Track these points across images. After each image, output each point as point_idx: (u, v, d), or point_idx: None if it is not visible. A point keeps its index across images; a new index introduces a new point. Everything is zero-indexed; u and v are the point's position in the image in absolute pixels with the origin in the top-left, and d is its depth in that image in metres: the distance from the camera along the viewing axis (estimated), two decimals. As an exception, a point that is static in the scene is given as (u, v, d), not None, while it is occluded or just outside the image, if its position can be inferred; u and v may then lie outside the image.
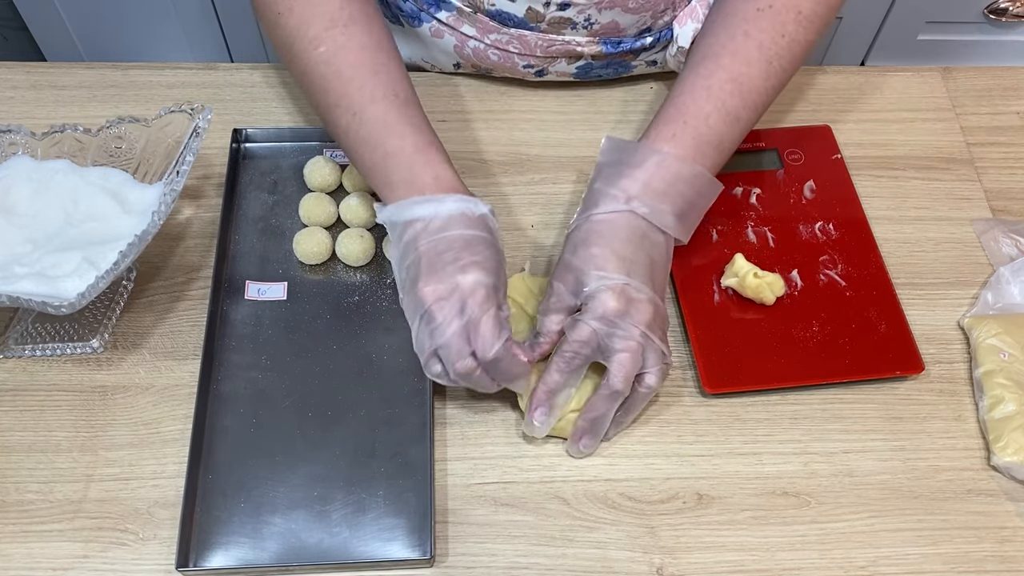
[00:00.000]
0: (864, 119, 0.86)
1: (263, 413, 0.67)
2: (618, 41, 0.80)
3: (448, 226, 0.61)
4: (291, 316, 0.71)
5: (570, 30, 0.78)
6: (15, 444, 0.66)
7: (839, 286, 0.73)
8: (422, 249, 0.61)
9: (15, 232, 0.69)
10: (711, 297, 0.73)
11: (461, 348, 0.60)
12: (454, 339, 0.60)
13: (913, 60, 1.47)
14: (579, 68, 0.83)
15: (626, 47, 0.80)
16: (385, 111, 0.66)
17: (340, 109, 0.67)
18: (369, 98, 0.66)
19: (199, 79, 0.86)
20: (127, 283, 0.73)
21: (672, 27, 0.80)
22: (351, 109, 0.66)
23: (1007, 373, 0.68)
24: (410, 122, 0.66)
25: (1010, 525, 0.65)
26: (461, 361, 0.60)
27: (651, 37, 0.80)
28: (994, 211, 0.80)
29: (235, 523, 0.63)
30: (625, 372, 0.61)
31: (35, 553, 0.61)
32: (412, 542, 0.62)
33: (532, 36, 0.79)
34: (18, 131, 0.72)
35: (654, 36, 0.80)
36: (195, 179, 0.79)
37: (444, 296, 0.60)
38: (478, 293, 0.60)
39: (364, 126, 0.65)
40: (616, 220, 0.64)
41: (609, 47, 0.80)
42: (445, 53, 0.84)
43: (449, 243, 0.61)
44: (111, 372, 0.69)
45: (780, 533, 0.64)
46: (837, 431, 0.68)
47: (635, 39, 0.80)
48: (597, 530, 0.63)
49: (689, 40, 0.78)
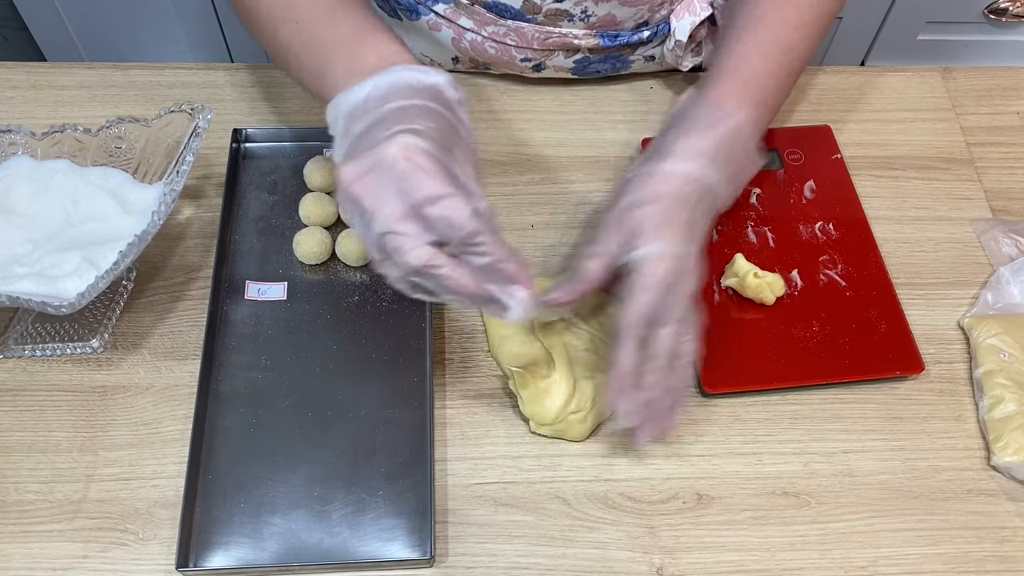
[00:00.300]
0: (864, 119, 0.86)
1: (263, 413, 0.67)
2: (615, 35, 0.80)
3: (388, 98, 0.52)
4: (291, 316, 0.71)
5: (567, 22, 0.78)
6: (15, 444, 0.66)
7: (839, 286, 0.73)
8: (356, 131, 0.52)
9: (15, 232, 0.69)
10: (711, 297, 0.73)
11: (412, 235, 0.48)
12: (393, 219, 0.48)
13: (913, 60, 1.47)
14: (576, 62, 0.83)
15: (623, 41, 0.80)
16: (324, 9, 0.60)
17: (284, 24, 0.62)
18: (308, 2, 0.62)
19: (199, 79, 0.86)
20: (127, 283, 0.73)
21: (669, 21, 0.80)
22: (294, 19, 0.62)
23: (1007, 373, 0.68)
24: (347, 12, 0.60)
25: (1010, 525, 0.65)
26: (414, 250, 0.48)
27: (648, 31, 0.81)
28: (994, 211, 0.80)
29: (235, 523, 0.63)
30: (671, 345, 0.59)
31: (35, 553, 0.61)
32: (412, 542, 0.62)
33: (529, 28, 0.79)
34: (18, 131, 0.72)
35: (651, 30, 0.81)
36: (195, 179, 0.79)
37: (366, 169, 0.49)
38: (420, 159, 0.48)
39: (304, 30, 0.61)
40: (679, 180, 0.62)
41: (606, 40, 0.80)
42: (442, 47, 0.84)
43: (383, 116, 0.51)
44: (111, 372, 0.69)
45: (780, 533, 0.64)
46: (837, 431, 0.68)
47: (632, 32, 0.80)
48: (597, 530, 0.63)
49: (687, 34, 0.79)
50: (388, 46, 0.57)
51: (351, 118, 0.53)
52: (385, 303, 0.72)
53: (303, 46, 0.62)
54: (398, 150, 0.48)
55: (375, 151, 0.49)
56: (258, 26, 0.67)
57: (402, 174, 0.48)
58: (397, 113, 0.51)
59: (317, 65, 0.59)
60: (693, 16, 0.78)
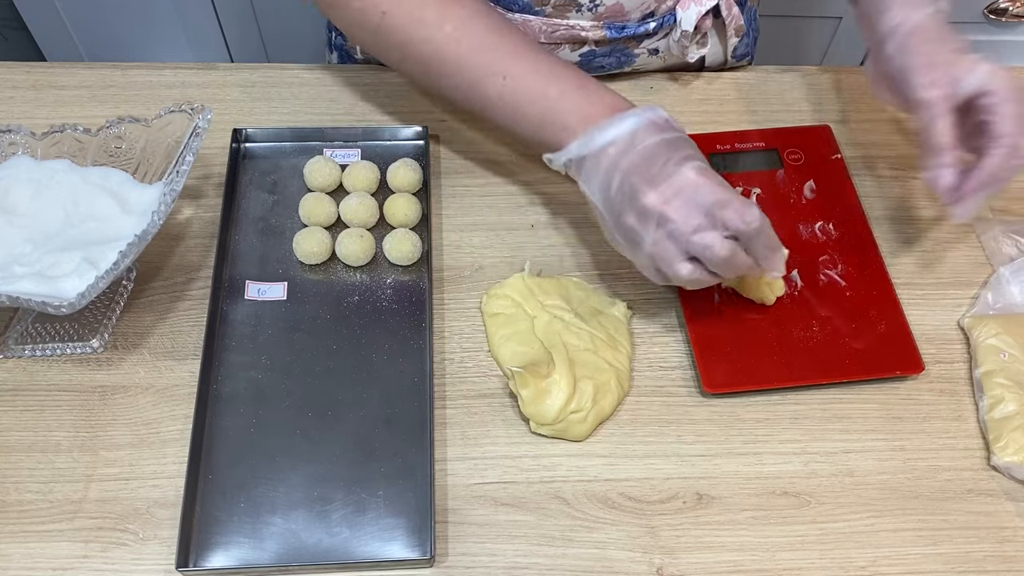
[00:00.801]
0: (864, 119, 0.86)
1: (263, 413, 0.67)
2: (622, 26, 0.80)
3: (642, 138, 0.62)
4: (291, 316, 0.72)
5: (575, 13, 0.79)
6: (15, 444, 0.66)
7: (839, 286, 0.73)
8: (627, 166, 0.62)
9: (15, 232, 0.69)
10: (711, 297, 0.73)
11: (715, 234, 0.60)
12: (705, 227, 0.60)
13: (913, 60, 1.47)
14: (582, 56, 0.83)
15: (629, 32, 0.81)
16: (533, 63, 0.67)
17: (488, 78, 0.67)
18: (512, 56, 0.67)
19: (199, 79, 0.86)
20: (127, 283, 0.73)
21: (675, 11, 0.80)
22: (500, 73, 0.67)
23: (1007, 373, 0.68)
24: (559, 64, 0.67)
25: (1010, 525, 0.65)
26: (721, 244, 0.60)
27: (654, 22, 0.81)
28: (994, 211, 0.80)
29: (235, 523, 0.63)
30: None
31: (35, 553, 0.61)
32: (412, 542, 0.62)
33: (537, 21, 0.79)
34: (18, 131, 0.72)
35: (657, 21, 0.81)
36: (195, 179, 0.79)
37: (672, 196, 0.60)
38: (707, 178, 0.60)
39: (520, 85, 0.66)
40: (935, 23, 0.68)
41: (613, 32, 0.80)
42: None
43: (652, 151, 0.61)
44: (111, 372, 0.69)
45: (780, 533, 0.64)
46: (837, 431, 0.68)
47: (639, 24, 0.81)
48: (597, 530, 0.63)
49: (693, 24, 0.79)
50: (612, 97, 0.66)
51: (619, 155, 0.62)
52: (385, 303, 0.72)
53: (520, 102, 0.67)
54: (695, 174, 0.60)
55: (673, 179, 0.60)
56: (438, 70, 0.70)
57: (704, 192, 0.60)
58: (662, 146, 0.62)
59: (539, 114, 0.67)
60: (699, 6, 0.79)
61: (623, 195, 0.62)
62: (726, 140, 0.82)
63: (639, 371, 0.70)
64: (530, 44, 0.69)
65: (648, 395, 0.69)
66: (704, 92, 0.87)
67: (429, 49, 0.68)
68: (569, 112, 0.65)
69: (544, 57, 0.68)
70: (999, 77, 0.65)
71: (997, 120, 0.65)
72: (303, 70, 0.87)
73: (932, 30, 0.68)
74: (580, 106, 0.65)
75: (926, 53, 0.67)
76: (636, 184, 0.61)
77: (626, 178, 0.62)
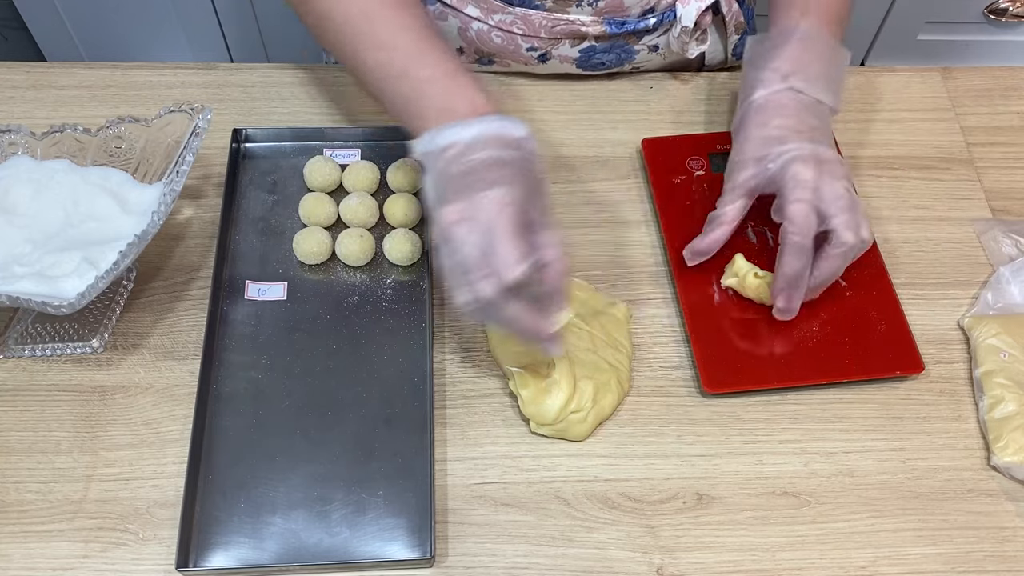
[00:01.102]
0: (864, 119, 0.86)
1: (263, 413, 0.67)
2: (622, 21, 0.80)
3: (480, 147, 0.59)
4: (291, 316, 0.71)
5: (575, 8, 0.79)
6: (15, 444, 0.66)
7: (839, 286, 0.73)
8: (452, 172, 0.59)
9: (15, 232, 0.69)
10: (711, 297, 0.73)
11: (481, 267, 0.56)
12: (472, 257, 0.56)
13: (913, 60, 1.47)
14: (582, 52, 0.83)
15: (629, 28, 0.81)
16: (415, 40, 0.65)
17: (369, 48, 0.66)
18: (398, 28, 0.65)
19: (199, 79, 0.86)
20: (127, 283, 0.73)
21: (675, 7, 0.80)
22: (381, 45, 0.65)
23: (1007, 373, 0.68)
24: (440, 49, 0.65)
25: (1010, 525, 0.65)
26: (482, 282, 0.56)
27: (654, 18, 0.81)
28: (994, 211, 0.80)
29: (235, 523, 0.63)
30: (854, 225, 0.64)
31: (35, 553, 0.61)
32: (412, 542, 0.62)
33: (536, 15, 0.79)
34: (18, 131, 0.72)
35: (657, 17, 0.81)
36: (195, 179, 0.79)
37: (463, 216, 0.57)
38: (502, 209, 0.56)
39: (395, 59, 0.65)
40: (779, 99, 0.67)
41: (613, 27, 0.80)
42: (448, 37, 0.84)
43: (479, 164, 0.59)
44: (111, 372, 0.69)
45: (780, 533, 0.64)
46: (837, 431, 0.68)
47: (639, 19, 0.81)
48: (597, 530, 0.63)
49: (692, 20, 0.79)
50: (478, 94, 0.62)
51: (449, 161, 0.60)
52: (385, 303, 0.72)
53: (391, 76, 0.65)
54: (490, 204, 0.57)
55: (472, 200, 0.57)
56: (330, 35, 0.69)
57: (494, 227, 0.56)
58: (489, 162, 0.58)
59: (405, 95, 0.64)
60: (699, 1, 0.79)
61: (435, 195, 0.60)
62: (726, 140, 0.81)
63: (639, 371, 0.70)
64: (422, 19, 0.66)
65: (648, 395, 0.69)
66: (704, 91, 0.87)
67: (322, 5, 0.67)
68: (431, 101, 0.63)
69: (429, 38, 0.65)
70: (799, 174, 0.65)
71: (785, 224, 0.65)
72: (303, 70, 0.87)
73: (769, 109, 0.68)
74: (442, 98, 0.62)
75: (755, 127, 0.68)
76: (444, 194, 0.59)
77: (448, 180, 0.59)
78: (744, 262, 0.71)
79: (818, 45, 0.71)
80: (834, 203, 0.64)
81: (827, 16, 0.72)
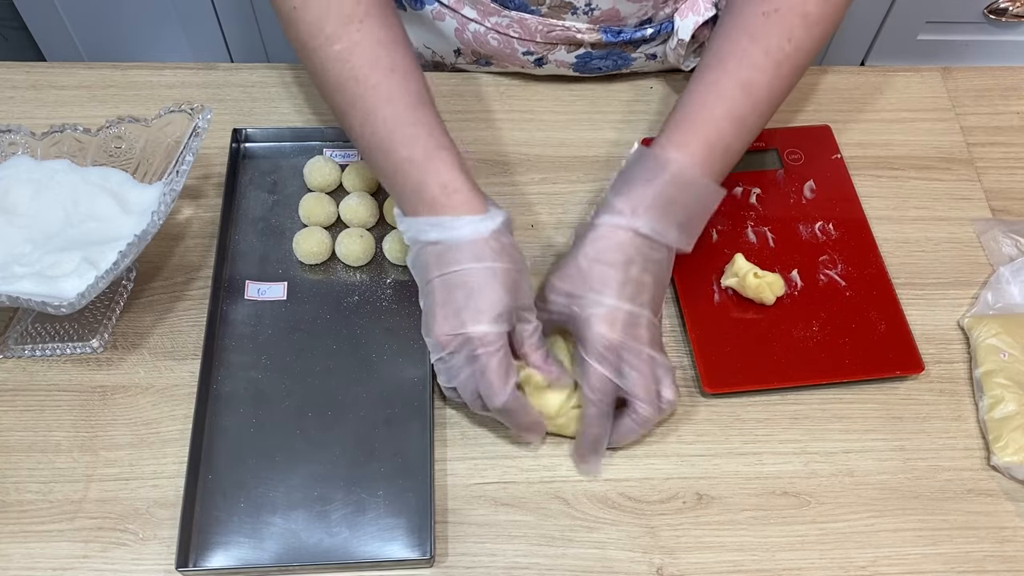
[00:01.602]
0: (864, 119, 0.86)
1: (263, 413, 0.67)
2: (618, 30, 0.80)
3: (459, 258, 0.61)
4: (291, 316, 0.71)
5: (571, 15, 0.78)
6: (15, 444, 0.66)
7: (839, 286, 0.73)
8: (435, 284, 0.62)
9: (15, 232, 0.69)
10: (711, 297, 0.73)
11: (474, 393, 0.62)
12: (466, 386, 0.62)
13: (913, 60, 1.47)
14: (579, 58, 0.83)
15: (626, 37, 0.80)
16: (397, 113, 0.65)
17: (355, 110, 0.66)
18: (384, 98, 0.65)
19: (199, 79, 0.86)
20: (127, 283, 0.73)
21: (673, 19, 0.80)
22: (365, 110, 0.65)
23: (1007, 373, 0.68)
24: (420, 124, 0.65)
25: (1010, 525, 0.65)
26: (473, 405, 0.63)
27: (651, 29, 0.80)
28: (994, 211, 0.80)
29: (235, 523, 0.63)
30: (652, 397, 0.62)
31: (35, 553, 0.61)
32: (412, 542, 0.62)
33: (533, 20, 0.79)
34: (18, 131, 0.72)
35: (654, 28, 0.81)
36: (195, 179, 0.79)
37: (456, 343, 0.61)
38: (486, 342, 0.60)
39: (377, 130, 0.65)
40: (619, 237, 0.63)
41: (609, 36, 0.80)
42: (445, 37, 0.84)
43: (461, 282, 0.61)
44: (111, 372, 0.69)
45: (780, 533, 0.64)
46: (837, 431, 0.68)
47: (635, 29, 0.80)
48: (597, 530, 0.63)
49: (689, 33, 0.78)
50: (450, 172, 0.63)
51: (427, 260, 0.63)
52: (385, 303, 0.72)
53: (376, 149, 0.66)
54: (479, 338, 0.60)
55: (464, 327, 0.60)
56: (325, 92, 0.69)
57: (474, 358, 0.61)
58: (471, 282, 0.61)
59: (387, 172, 0.66)
60: (697, 16, 0.78)
61: (426, 305, 0.63)
62: (726, 140, 0.81)
63: (639, 371, 0.70)
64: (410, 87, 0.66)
65: (648, 395, 0.69)
66: (704, 92, 0.87)
67: (317, 60, 0.67)
68: (406, 182, 0.64)
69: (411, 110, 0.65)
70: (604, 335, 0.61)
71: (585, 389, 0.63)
72: (303, 70, 0.87)
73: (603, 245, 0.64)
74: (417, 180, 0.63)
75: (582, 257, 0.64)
76: (435, 309, 0.62)
77: (431, 293, 0.62)
78: (744, 262, 0.71)
79: (689, 189, 0.65)
80: (632, 372, 0.62)
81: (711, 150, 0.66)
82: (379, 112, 0.65)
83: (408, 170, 0.64)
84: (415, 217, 0.63)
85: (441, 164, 0.63)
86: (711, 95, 0.68)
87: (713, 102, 0.67)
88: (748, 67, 0.68)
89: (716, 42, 0.71)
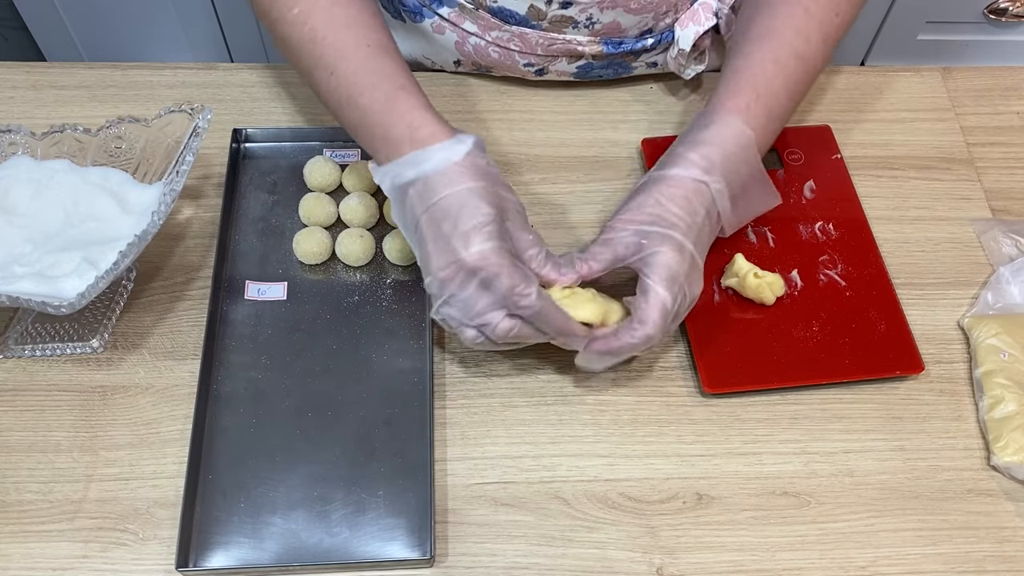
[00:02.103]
0: (864, 119, 0.86)
1: (263, 413, 0.67)
2: (619, 42, 0.80)
3: (437, 187, 0.60)
4: (291, 316, 0.72)
5: (571, 29, 0.78)
6: (15, 444, 0.66)
7: (839, 286, 0.73)
8: (422, 222, 0.61)
9: (15, 232, 0.69)
10: (711, 297, 0.73)
11: (496, 314, 0.60)
12: (488, 314, 0.60)
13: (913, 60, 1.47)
14: (579, 68, 0.83)
15: (627, 48, 0.80)
16: (357, 65, 0.65)
17: (318, 71, 0.66)
18: (341, 53, 0.65)
19: (199, 79, 0.86)
20: (127, 283, 0.73)
21: (674, 29, 0.80)
22: (328, 68, 0.65)
23: (1007, 373, 0.68)
24: (378, 72, 0.64)
25: (1010, 525, 0.65)
26: (502, 324, 0.60)
27: (652, 39, 0.80)
28: (994, 211, 0.80)
29: (235, 523, 0.63)
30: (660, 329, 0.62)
31: (35, 553, 0.61)
32: (412, 542, 0.62)
33: (533, 34, 0.79)
34: (18, 131, 0.72)
35: (655, 38, 0.81)
36: (195, 179, 0.79)
37: (457, 274, 0.59)
38: (488, 260, 0.59)
39: (340, 84, 0.65)
40: (691, 186, 0.64)
41: (610, 47, 0.80)
42: (446, 50, 0.84)
43: (443, 211, 0.60)
44: (111, 372, 0.69)
45: (780, 533, 0.64)
46: (837, 431, 0.68)
47: (636, 40, 0.80)
48: (597, 530, 0.63)
49: (690, 43, 0.78)
50: (412, 112, 0.62)
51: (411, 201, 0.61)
52: (385, 303, 0.72)
53: (340, 103, 0.65)
54: (477, 260, 0.58)
55: (458, 256, 0.59)
56: (291, 59, 0.70)
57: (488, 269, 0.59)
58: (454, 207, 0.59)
59: (352, 124, 0.66)
60: (698, 26, 0.78)
61: (420, 248, 0.62)
62: (726, 140, 0.81)
63: (639, 371, 0.70)
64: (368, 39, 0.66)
65: (648, 395, 0.69)
66: (705, 92, 0.87)
67: (281, 29, 0.67)
68: (374, 131, 0.63)
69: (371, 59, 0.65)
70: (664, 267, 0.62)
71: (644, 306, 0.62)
72: (303, 70, 0.87)
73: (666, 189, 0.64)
74: (384, 127, 0.63)
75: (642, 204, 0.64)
76: (428, 248, 0.60)
77: (420, 232, 0.61)
78: (744, 262, 0.71)
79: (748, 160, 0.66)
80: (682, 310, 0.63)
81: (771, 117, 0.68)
82: (339, 66, 0.65)
83: (372, 118, 0.63)
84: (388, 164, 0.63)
85: (403, 104, 0.63)
86: (771, 64, 0.68)
87: (772, 71, 0.68)
88: (804, 39, 0.69)
89: (767, 10, 0.71)
